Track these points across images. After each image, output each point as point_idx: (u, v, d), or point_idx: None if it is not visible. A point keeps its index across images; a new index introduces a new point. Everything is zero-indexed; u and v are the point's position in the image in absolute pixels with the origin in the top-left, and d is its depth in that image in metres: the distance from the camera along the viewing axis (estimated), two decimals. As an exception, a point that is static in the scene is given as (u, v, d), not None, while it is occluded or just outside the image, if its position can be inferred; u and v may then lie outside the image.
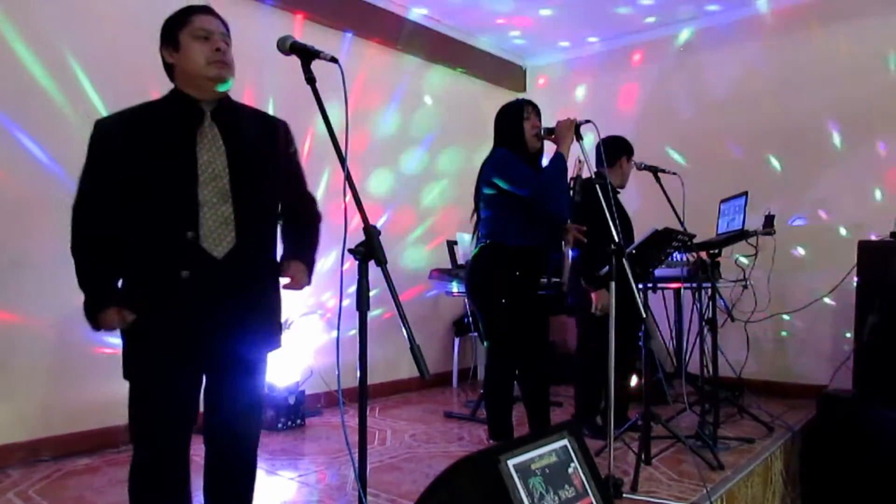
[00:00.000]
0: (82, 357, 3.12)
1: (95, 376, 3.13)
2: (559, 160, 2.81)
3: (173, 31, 1.75)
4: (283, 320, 1.97)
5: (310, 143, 4.08)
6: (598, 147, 3.10)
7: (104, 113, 1.77)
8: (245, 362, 1.81)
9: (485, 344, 3.01)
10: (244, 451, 1.89)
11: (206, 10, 1.78)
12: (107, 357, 3.12)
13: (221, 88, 1.75)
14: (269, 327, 1.86)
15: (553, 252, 2.99)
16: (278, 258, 1.89)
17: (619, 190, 3.57)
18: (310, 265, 1.89)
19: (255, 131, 1.83)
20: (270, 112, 2.04)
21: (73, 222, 1.71)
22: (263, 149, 1.82)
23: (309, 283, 1.88)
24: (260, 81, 3.80)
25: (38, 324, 3.02)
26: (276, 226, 1.88)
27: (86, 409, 3.17)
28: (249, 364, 1.83)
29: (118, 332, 1.73)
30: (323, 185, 4.29)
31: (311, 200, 2.01)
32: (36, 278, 2.99)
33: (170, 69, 1.78)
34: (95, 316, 1.67)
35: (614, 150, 3.51)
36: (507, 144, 2.97)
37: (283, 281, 1.85)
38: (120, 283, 1.73)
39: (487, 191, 2.94)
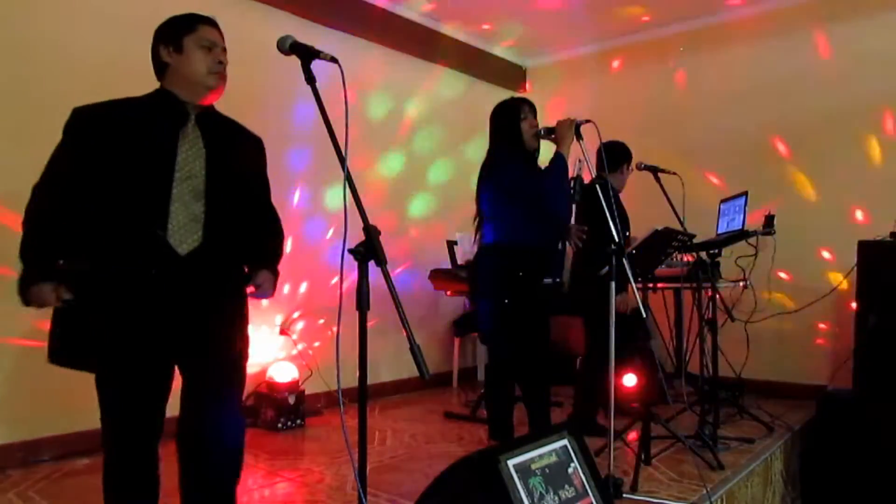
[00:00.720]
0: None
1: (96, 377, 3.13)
2: (560, 160, 2.81)
3: (178, 33, 1.79)
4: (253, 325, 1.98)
5: (309, 143, 4.09)
6: (599, 151, 3.02)
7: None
8: (211, 362, 1.82)
9: (487, 344, 3.02)
10: (224, 454, 1.88)
11: (212, 23, 1.85)
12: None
13: (213, 98, 1.82)
14: (233, 330, 1.87)
15: (554, 252, 2.99)
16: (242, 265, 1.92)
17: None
18: (275, 276, 1.94)
19: (234, 140, 1.90)
20: (270, 112, 2.05)
21: (31, 198, 1.73)
22: (240, 158, 1.89)
23: (273, 293, 1.93)
24: (260, 81, 3.81)
25: (38, 322, 3.01)
26: (242, 231, 1.88)
27: (86, 409, 3.14)
28: (220, 363, 1.83)
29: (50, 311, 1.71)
30: (323, 185, 4.30)
31: (276, 215, 2.07)
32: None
33: (163, 68, 1.81)
34: (28, 289, 1.66)
35: (619, 156, 3.55)
36: (503, 148, 2.95)
37: (250, 289, 1.88)
38: (73, 268, 1.72)
39: (487, 192, 2.94)
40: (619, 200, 3.71)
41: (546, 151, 3.03)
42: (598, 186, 2.65)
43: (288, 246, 2.09)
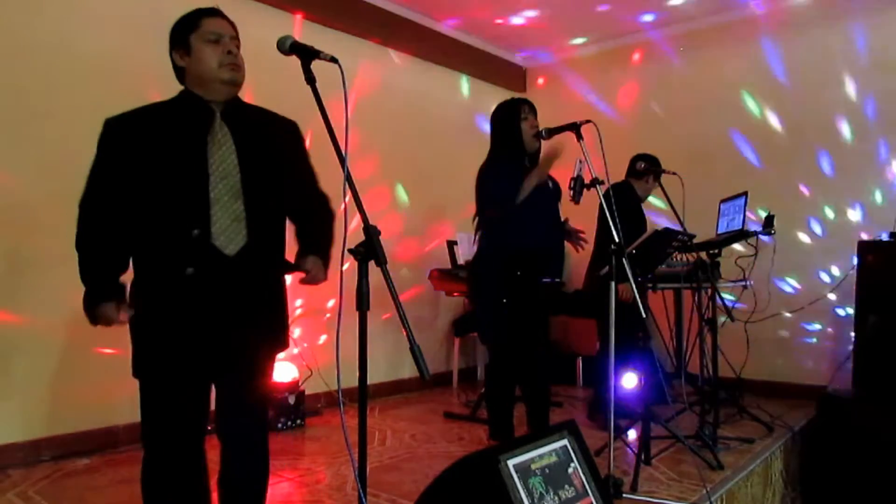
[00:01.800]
0: (83, 357, 3.12)
1: (96, 376, 3.13)
2: (528, 185, 2.80)
3: (184, 34, 1.76)
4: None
5: (309, 143, 4.09)
6: (633, 158, 3.68)
7: (107, 114, 1.77)
8: (254, 361, 1.82)
9: (487, 344, 3.02)
10: (255, 450, 1.89)
11: (216, 13, 1.80)
12: (107, 357, 3.13)
13: (233, 91, 1.77)
14: (277, 326, 1.88)
15: (552, 252, 2.99)
16: (287, 257, 1.90)
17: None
18: (326, 260, 1.87)
19: (265, 131, 1.85)
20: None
21: (79, 217, 1.72)
22: (273, 148, 1.84)
23: (325, 278, 1.86)
24: (260, 81, 3.80)
25: (39, 324, 3.02)
26: (285, 224, 1.88)
27: (86, 409, 3.17)
28: (258, 363, 1.84)
29: (126, 329, 1.72)
30: (323, 185, 4.29)
31: (325, 198, 1.99)
32: (37, 279, 2.99)
33: (181, 72, 1.79)
34: (93, 309, 1.66)
35: (649, 166, 3.76)
36: (503, 149, 2.94)
37: (300, 275, 1.83)
38: (128, 282, 1.73)
39: None
40: (640, 207, 3.77)
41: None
42: (611, 190, 2.67)
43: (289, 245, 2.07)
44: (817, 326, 4.45)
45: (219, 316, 1.70)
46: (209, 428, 1.81)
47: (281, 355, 2.01)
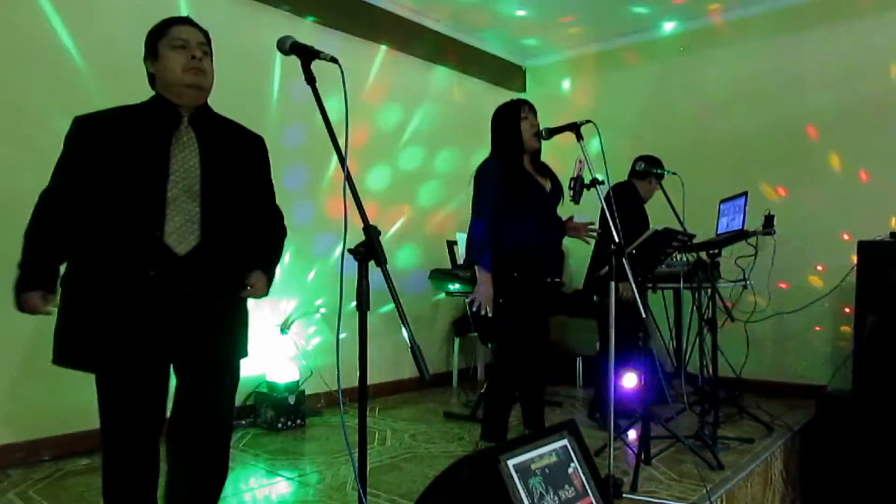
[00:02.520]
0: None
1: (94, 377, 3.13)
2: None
3: (153, 41, 1.82)
4: (251, 328, 1.97)
5: (309, 143, 4.09)
6: (636, 160, 3.64)
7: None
8: (207, 361, 1.83)
9: (488, 346, 3.01)
10: (212, 452, 1.90)
11: (185, 21, 1.84)
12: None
13: (197, 96, 1.81)
14: (231, 329, 1.88)
15: (551, 253, 2.99)
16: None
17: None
18: (270, 277, 1.93)
19: (230, 140, 1.89)
20: (271, 112, 2.05)
21: (36, 206, 1.76)
22: (237, 157, 1.88)
23: (266, 293, 1.92)
24: (260, 81, 3.81)
25: (39, 324, 3.00)
26: (241, 231, 1.88)
27: (86, 409, 3.13)
28: (211, 364, 1.84)
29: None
30: (323, 185, 4.30)
31: (280, 216, 2.06)
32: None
33: (151, 78, 1.84)
34: (21, 294, 1.69)
35: (649, 166, 3.72)
36: (504, 151, 2.94)
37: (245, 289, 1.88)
38: (77, 273, 1.75)
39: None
40: (643, 208, 3.77)
41: (545, 153, 3.04)
42: (611, 190, 2.67)
43: (289, 246, 2.08)
44: (817, 326, 4.45)
45: (171, 314, 1.72)
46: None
47: (281, 355, 2.01)
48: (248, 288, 1.86)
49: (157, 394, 1.80)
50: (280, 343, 4.01)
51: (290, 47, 1.62)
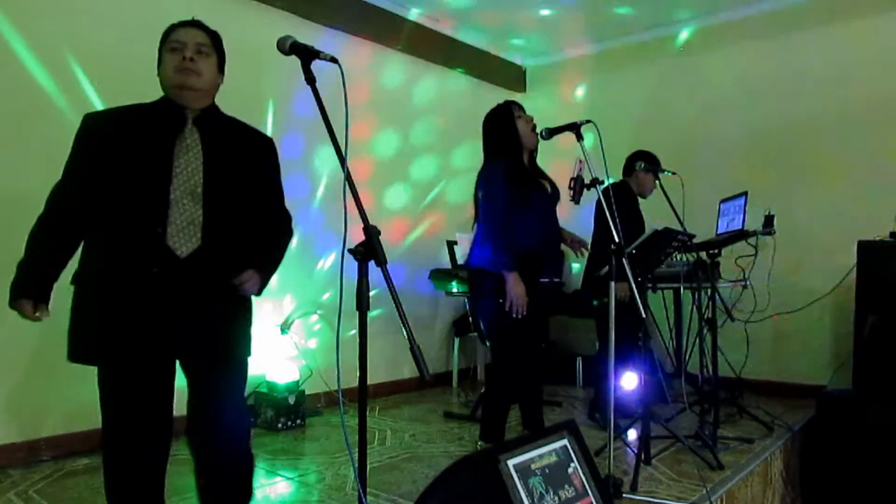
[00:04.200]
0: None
1: (96, 376, 3.12)
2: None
3: (160, 48, 1.83)
4: (255, 328, 1.98)
5: (309, 143, 4.09)
6: (631, 159, 3.71)
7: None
8: (213, 358, 1.83)
9: (487, 345, 3.02)
10: (231, 451, 1.90)
11: (188, 24, 1.84)
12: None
13: (191, 96, 1.80)
14: (232, 331, 1.87)
15: (549, 254, 2.99)
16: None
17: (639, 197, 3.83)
18: (265, 278, 1.90)
19: (237, 142, 1.89)
20: (270, 112, 2.06)
21: (46, 204, 1.77)
22: (243, 160, 1.88)
23: (258, 293, 1.90)
24: (260, 81, 3.81)
25: (39, 323, 3.00)
26: (243, 234, 1.87)
27: (86, 409, 3.14)
28: (217, 360, 1.84)
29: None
30: (323, 184, 4.30)
31: (288, 218, 2.05)
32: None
33: (159, 82, 1.85)
34: (15, 299, 1.72)
35: (630, 160, 3.76)
36: (504, 153, 2.92)
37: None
38: (80, 272, 1.77)
39: (478, 197, 2.95)
40: (637, 206, 3.75)
41: (545, 153, 3.04)
42: (610, 190, 2.67)
43: (290, 245, 2.08)
44: (817, 326, 4.45)
45: (172, 315, 1.72)
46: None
47: (281, 355, 2.01)
48: (239, 285, 1.81)
49: (160, 390, 1.81)
50: (280, 343, 4.01)
51: (290, 47, 1.62)
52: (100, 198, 1.72)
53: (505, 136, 2.93)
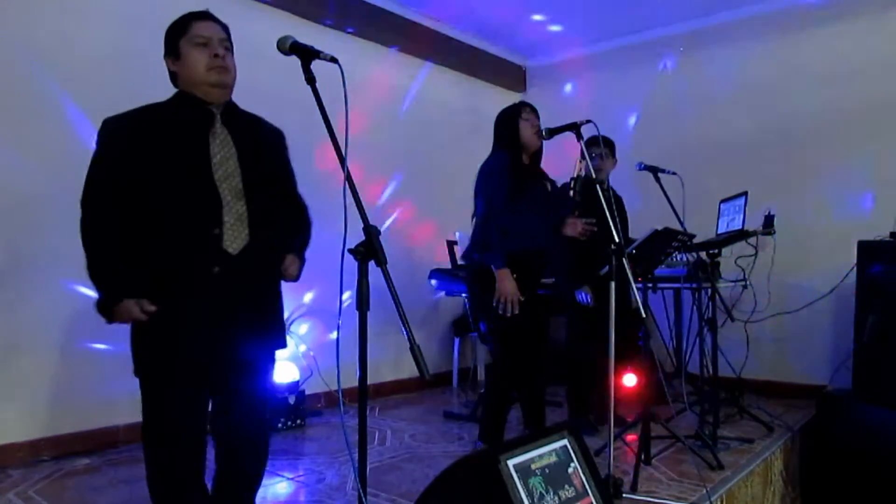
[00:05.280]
0: (83, 357, 3.12)
1: (95, 376, 3.13)
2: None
3: (174, 39, 1.79)
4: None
5: (309, 143, 4.08)
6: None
7: (106, 113, 1.78)
8: (256, 359, 1.86)
9: (487, 345, 3.02)
10: (256, 450, 1.94)
11: (205, 17, 1.82)
12: (107, 357, 3.13)
13: (223, 94, 1.80)
14: (276, 324, 1.93)
15: (549, 253, 2.99)
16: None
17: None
18: (301, 262, 1.97)
19: (259, 135, 1.90)
20: (270, 112, 2.06)
21: (83, 216, 1.72)
22: (268, 152, 1.90)
23: (297, 278, 1.95)
24: (260, 81, 3.80)
25: (39, 323, 3.01)
26: (281, 224, 1.91)
27: (86, 409, 3.17)
28: (259, 361, 1.88)
29: (123, 327, 1.73)
30: (323, 184, 4.29)
31: (305, 205, 2.09)
32: (37, 278, 2.98)
33: (173, 76, 1.83)
34: (110, 308, 1.67)
35: (609, 150, 3.64)
36: (503, 148, 2.96)
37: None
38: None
39: (477, 197, 2.96)
40: (612, 197, 3.70)
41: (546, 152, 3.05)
42: (597, 187, 2.66)
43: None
44: (817, 326, 4.45)
45: (228, 313, 1.74)
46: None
47: (282, 355, 2.04)
48: (283, 271, 1.88)
49: (205, 397, 1.84)
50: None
51: (290, 47, 1.62)
52: (141, 201, 1.69)
53: (506, 132, 2.97)
